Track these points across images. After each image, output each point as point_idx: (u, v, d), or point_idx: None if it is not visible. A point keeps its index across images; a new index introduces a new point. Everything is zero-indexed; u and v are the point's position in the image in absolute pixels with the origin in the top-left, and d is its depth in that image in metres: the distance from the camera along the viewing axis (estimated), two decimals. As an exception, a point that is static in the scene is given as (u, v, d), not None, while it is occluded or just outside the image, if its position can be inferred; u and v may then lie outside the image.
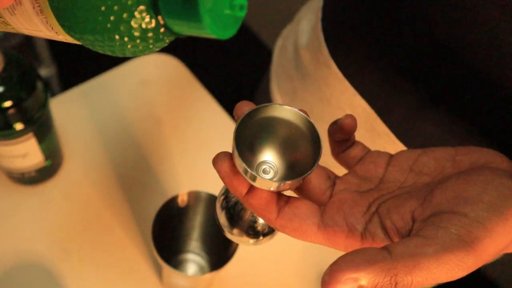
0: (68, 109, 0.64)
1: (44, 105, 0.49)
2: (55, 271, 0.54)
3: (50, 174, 0.58)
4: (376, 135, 0.46)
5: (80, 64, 1.62)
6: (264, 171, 0.27)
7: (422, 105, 0.41)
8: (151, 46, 0.22)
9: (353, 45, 0.44)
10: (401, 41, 0.40)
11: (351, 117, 0.28)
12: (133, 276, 0.55)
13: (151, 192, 0.60)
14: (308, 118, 0.26)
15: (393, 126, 0.44)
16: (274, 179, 0.27)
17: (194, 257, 0.56)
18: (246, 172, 0.25)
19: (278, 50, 0.60)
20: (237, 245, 0.46)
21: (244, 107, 0.26)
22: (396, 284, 0.21)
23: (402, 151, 0.29)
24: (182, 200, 0.47)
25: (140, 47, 0.22)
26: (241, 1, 0.21)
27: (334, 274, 0.21)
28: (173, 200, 0.47)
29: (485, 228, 0.22)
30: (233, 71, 1.76)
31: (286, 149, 0.27)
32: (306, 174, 0.25)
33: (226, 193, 0.31)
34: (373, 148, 0.48)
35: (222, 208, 0.30)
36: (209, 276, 0.46)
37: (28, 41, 1.34)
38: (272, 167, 0.28)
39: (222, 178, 0.26)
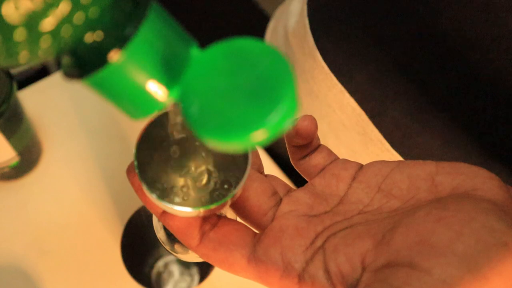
0: (46, 97, 0.60)
1: (8, 98, 0.44)
2: (33, 273, 0.51)
3: (27, 170, 0.54)
4: (368, 140, 0.40)
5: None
6: (188, 187, 0.22)
7: (419, 110, 0.35)
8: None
9: (341, 35, 0.38)
10: (395, 33, 0.34)
11: (309, 119, 0.23)
12: (116, 278, 0.51)
13: (136, 187, 0.56)
14: None
15: (387, 132, 0.39)
16: (189, 207, 0.20)
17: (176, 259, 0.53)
18: (155, 198, 0.20)
19: (270, 33, 0.55)
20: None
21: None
22: None
23: (374, 162, 0.23)
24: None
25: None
26: None
27: None
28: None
29: None
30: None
31: (216, 159, 0.22)
32: (227, 198, 0.20)
33: None
34: (366, 155, 0.42)
35: (159, 220, 0.25)
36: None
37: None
38: (199, 179, 0.22)
39: (136, 193, 0.21)
